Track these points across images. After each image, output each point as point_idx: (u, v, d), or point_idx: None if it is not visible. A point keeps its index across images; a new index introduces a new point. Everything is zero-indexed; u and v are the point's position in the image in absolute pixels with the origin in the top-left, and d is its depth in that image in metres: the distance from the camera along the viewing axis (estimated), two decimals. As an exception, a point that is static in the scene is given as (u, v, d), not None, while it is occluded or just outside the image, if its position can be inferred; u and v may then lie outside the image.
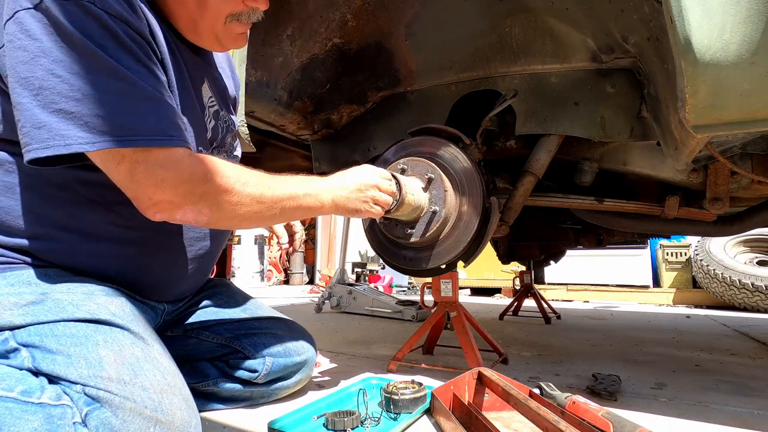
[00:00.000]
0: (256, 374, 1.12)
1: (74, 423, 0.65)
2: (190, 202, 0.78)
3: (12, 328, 0.73)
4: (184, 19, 0.88)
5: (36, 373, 0.70)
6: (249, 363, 1.13)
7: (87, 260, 0.86)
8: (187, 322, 1.15)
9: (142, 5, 0.78)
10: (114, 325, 0.77)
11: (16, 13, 0.68)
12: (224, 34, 0.90)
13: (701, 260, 4.33)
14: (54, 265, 0.83)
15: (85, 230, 0.85)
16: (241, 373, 1.13)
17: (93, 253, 0.86)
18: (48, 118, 0.67)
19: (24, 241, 0.81)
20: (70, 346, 0.71)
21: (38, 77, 0.67)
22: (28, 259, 0.82)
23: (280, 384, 1.18)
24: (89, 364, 0.69)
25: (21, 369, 0.70)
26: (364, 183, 1.05)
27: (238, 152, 1.21)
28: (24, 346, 0.71)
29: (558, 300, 5.09)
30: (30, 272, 0.80)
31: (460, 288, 5.06)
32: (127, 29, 0.73)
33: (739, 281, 3.95)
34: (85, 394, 0.67)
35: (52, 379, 0.69)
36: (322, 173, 1.84)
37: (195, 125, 0.92)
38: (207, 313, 1.17)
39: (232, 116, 1.14)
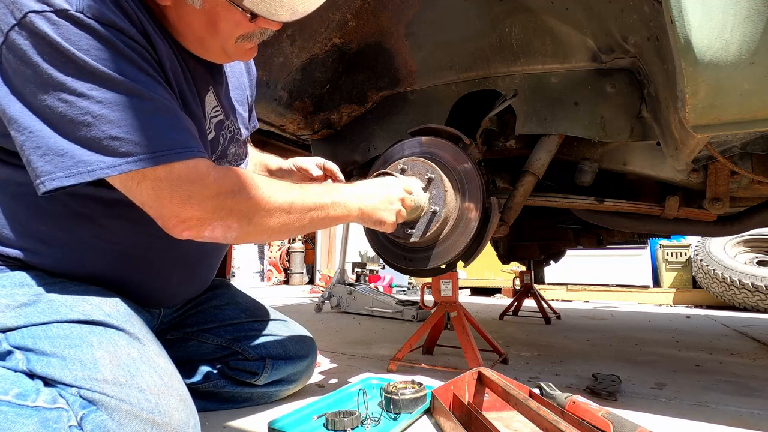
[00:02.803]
0: (256, 377, 1.12)
1: (70, 426, 0.64)
2: (219, 217, 0.74)
3: (4, 331, 0.72)
4: (190, 38, 0.83)
5: (31, 375, 0.69)
6: (249, 365, 1.13)
7: (76, 271, 0.84)
8: (187, 324, 1.14)
9: (140, 14, 0.73)
10: (109, 325, 0.76)
11: (7, 34, 0.65)
12: (234, 50, 0.85)
13: (701, 260, 4.33)
14: (44, 270, 0.81)
15: (71, 244, 0.82)
16: (241, 375, 1.12)
17: (81, 267, 0.84)
18: (68, 144, 0.65)
19: (12, 251, 0.80)
20: (64, 348, 0.70)
21: (48, 105, 0.65)
22: (17, 261, 0.80)
23: (280, 386, 1.18)
24: (84, 366, 0.69)
25: (16, 371, 0.69)
26: (392, 195, 1.03)
27: (245, 163, 1.13)
28: (17, 348, 0.71)
29: (558, 300, 5.09)
30: (22, 274, 0.78)
31: (460, 288, 5.06)
32: (123, 37, 0.69)
33: (739, 281, 3.95)
34: (81, 396, 0.67)
35: (48, 382, 0.68)
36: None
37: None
38: (207, 315, 1.17)
39: (240, 124, 1.07)
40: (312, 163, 1.17)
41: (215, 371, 1.13)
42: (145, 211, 0.73)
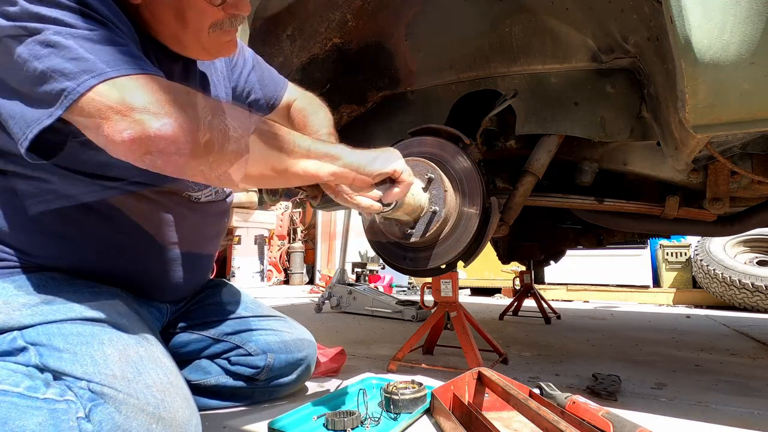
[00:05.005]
0: (257, 371, 1.13)
1: (78, 418, 0.67)
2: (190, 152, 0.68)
3: (21, 328, 0.75)
4: (166, 34, 0.85)
5: (42, 369, 0.72)
6: (250, 360, 1.14)
7: (84, 265, 0.88)
8: (188, 320, 1.16)
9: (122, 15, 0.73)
10: (119, 325, 0.80)
11: None
12: (210, 44, 0.87)
13: (701, 260, 4.33)
14: (57, 269, 0.86)
15: (79, 237, 0.86)
16: (242, 370, 1.13)
17: (89, 259, 0.88)
18: (19, 108, 0.65)
19: (28, 256, 0.84)
20: (76, 344, 0.74)
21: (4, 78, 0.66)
22: (33, 263, 0.85)
23: (280, 381, 1.19)
24: (95, 361, 0.72)
25: (28, 366, 0.72)
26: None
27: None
28: (32, 344, 0.74)
29: (558, 300, 5.09)
30: (38, 275, 0.83)
31: (460, 288, 5.06)
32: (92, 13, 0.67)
33: (739, 281, 3.95)
34: (90, 390, 0.69)
35: (58, 376, 0.71)
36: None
37: None
38: (208, 311, 1.18)
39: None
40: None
41: (217, 367, 1.14)
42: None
